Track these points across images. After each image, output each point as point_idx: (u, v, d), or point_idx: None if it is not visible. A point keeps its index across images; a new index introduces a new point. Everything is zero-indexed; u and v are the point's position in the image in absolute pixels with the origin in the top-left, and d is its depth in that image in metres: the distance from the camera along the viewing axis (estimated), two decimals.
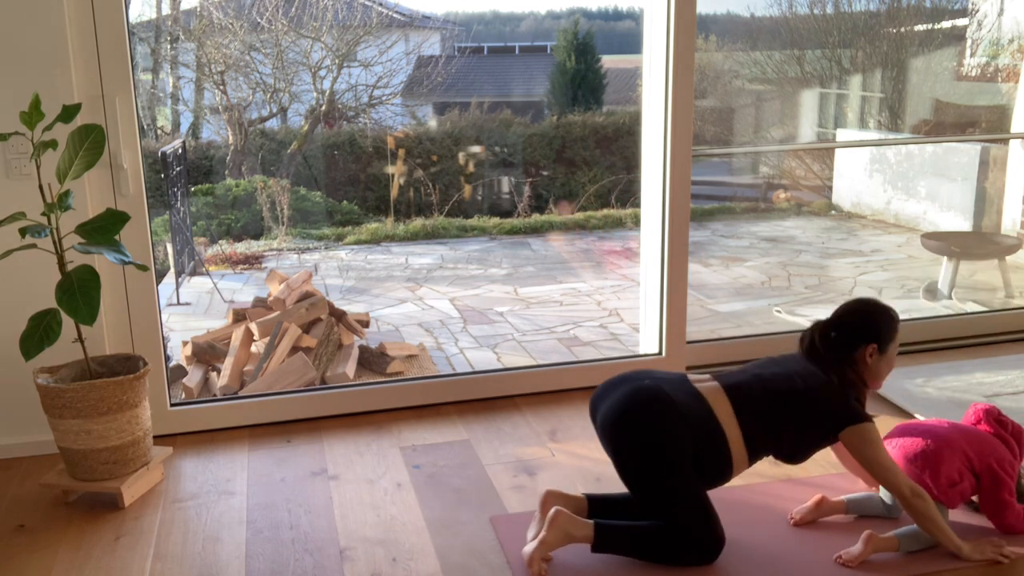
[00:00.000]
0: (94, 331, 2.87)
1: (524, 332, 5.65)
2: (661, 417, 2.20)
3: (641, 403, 2.23)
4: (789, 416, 2.26)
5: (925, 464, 2.30)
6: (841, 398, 2.26)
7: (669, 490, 2.20)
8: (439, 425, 3.17)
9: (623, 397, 2.26)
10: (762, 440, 2.27)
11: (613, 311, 6.07)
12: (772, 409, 2.26)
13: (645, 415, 2.22)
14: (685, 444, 2.19)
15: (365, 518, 2.56)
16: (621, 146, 10.02)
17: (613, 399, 2.28)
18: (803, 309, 5.68)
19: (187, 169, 8.12)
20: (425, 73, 10.40)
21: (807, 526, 2.45)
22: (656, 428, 2.20)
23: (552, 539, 2.22)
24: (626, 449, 2.23)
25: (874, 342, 2.31)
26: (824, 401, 2.26)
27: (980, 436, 2.37)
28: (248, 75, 9.43)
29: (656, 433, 2.20)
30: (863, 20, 9.13)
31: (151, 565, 2.35)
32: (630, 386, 2.29)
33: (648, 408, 2.22)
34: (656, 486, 2.21)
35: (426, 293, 6.65)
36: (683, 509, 2.21)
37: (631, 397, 2.25)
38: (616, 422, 2.24)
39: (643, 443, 2.20)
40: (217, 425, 3.16)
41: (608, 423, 2.27)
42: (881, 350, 2.32)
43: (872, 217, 8.17)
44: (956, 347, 3.84)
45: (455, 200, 9.36)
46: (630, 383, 2.30)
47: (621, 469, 2.27)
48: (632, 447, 2.22)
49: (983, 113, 8.11)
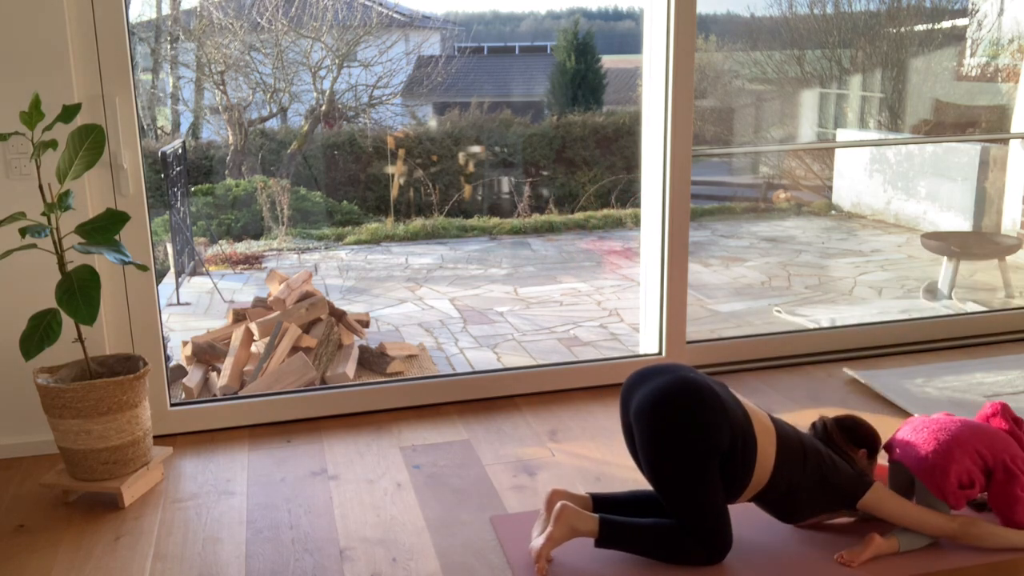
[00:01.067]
0: (94, 331, 2.87)
1: (524, 332, 5.65)
2: (706, 408, 2.17)
3: (689, 392, 2.19)
4: (812, 472, 2.27)
5: (935, 464, 2.29)
6: (857, 470, 2.33)
7: (695, 485, 2.18)
8: (439, 425, 3.18)
9: (667, 383, 2.22)
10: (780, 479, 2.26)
11: (613, 311, 6.07)
12: (802, 459, 2.27)
13: (693, 400, 2.18)
14: (721, 440, 2.17)
15: (365, 518, 2.56)
16: (621, 146, 10.03)
17: (655, 384, 2.23)
18: (803, 309, 5.68)
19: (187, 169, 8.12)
20: (425, 73, 10.41)
21: (807, 526, 2.45)
22: (698, 418, 2.16)
23: (558, 534, 2.22)
24: (664, 434, 2.18)
25: (865, 448, 2.38)
26: (843, 472, 2.30)
27: (992, 432, 2.36)
28: (248, 75, 9.43)
29: (696, 423, 2.16)
30: (863, 20, 9.13)
31: (151, 565, 2.35)
32: (674, 375, 2.25)
33: (696, 395, 2.18)
34: (681, 479, 2.19)
35: (426, 293, 6.66)
36: (705, 507, 2.19)
37: (677, 386, 2.21)
38: (657, 409, 2.19)
39: (681, 432, 2.16)
40: (217, 425, 3.16)
41: (646, 408, 2.21)
42: (870, 457, 2.39)
43: (872, 217, 8.17)
44: (956, 347, 3.84)
45: (455, 200, 9.36)
46: (673, 372, 2.27)
47: (648, 458, 2.22)
48: (671, 432, 2.17)
49: (983, 113, 8.11)
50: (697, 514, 2.20)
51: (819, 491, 2.28)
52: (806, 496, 2.29)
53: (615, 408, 3.28)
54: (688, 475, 2.18)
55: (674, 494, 2.21)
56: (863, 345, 3.80)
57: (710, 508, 2.20)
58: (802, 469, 2.26)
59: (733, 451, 2.19)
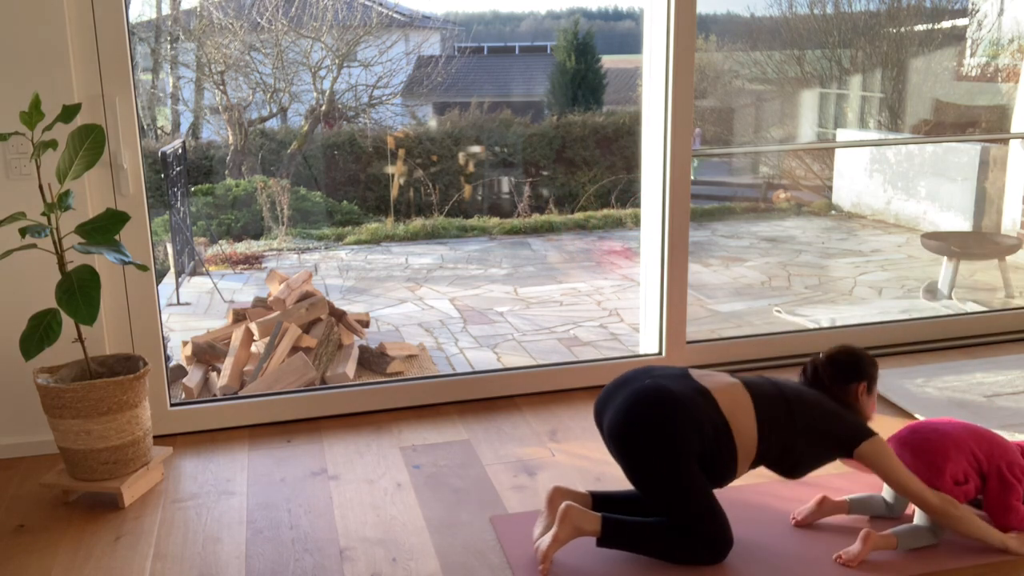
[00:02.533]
0: (94, 331, 2.87)
1: (524, 332, 5.65)
2: (665, 418, 2.19)
3: (646, 405, 2.22)
4: (804, 426, 2.27)
5: (931, 461, 2.30)
6: (853, 416, 2.34)
7: (681, 491, 2.20)
8: (439, 425, 3.17)
9: (625, 402, 2.25)
10: (771, 445, 2.26)
11: (613, 311, 6.07)
12: (788, 416, 2.27)
13: (650, 417, 2.20)
14: (692, 442, 2.18)
15: (365, 518, 2.56)
16: (621, 146, 10.02)
17: (616, 405, 2.27)
18: (803, 309, 5.68)
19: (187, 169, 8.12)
20: (425, 73, 10.41)
21: (807, 526, 2.45)
22: (662, 430, 2.19)
23: (563, 535, 2.22)
24: (635, 455, 2.22)
25: (864, 381, 2.40)
26: (838, 418, 2.30)
27: (991, 437, 2.36)
28: (248, 75, 9.43)
29: (662, 435, 2.18)
30: (863, 20, 9.13)
31: (151, 565, 2.35)
32: (631, 388, 2.27)
33: (652, 410, 2.21)
34: (667, 488, 2.20)
35: (426, 293, 6.65)
36: (696, 509, 2.20)
37: (634, 401, 2.24)
38: (621, 429, 2.23)
39: (650, 447, 2.19)
40: (217, 425, 3.16)
41: (614, 431, 2.25)
42: (868, 390, 2.41)
43: (872, 217, 8.17)
44: (956, 347, 3.84)
45: (455, 200, 9.36)
46: (630, 385, 2.29)
47: (631, 473, 2.26)
48: (640, 452, 2.21)
49: (983, 113, 8.11)
50: (691, 517, 2.21)
51: (816, 442, 2.29)
52: (803, 451, 2.29)
53: None
54: (671, 485, 2.19)
55: (664, 502, 2.22)
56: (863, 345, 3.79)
57: (702, 509, 2.21)
58: (791, 428, 2.26)
59: (707, 449, 2.21)
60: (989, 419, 3.05)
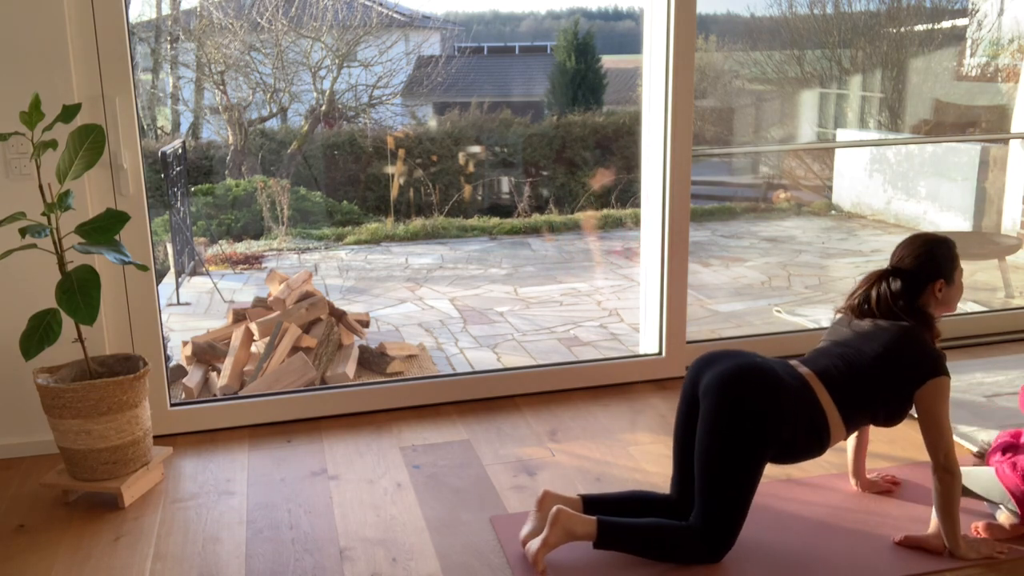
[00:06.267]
0: (94, 331, 2.87)
1: (524, 332, 5.65)
2: (774, 399, 2.19)
3: (758, 375, 2.21)
4: (881, 385, 2.27)
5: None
6: (925, 346, 2.28)
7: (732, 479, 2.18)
8: (439, 425, 3.17)
9: (742, 364, 2.23)
10: (861, 416, 2.30)
11: (613, 311, 6.07)
12: (864, 388, 2.27)
13: (766, 389, 2.19)
14: (778, 435, 2.19)
15: (365, 518, 2.56)
16: (621, 146, 10.02)
17: (730, 363, 2.25)
18: (803, 309, 5.67)
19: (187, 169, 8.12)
20: (425, 73, 10.40)
21: (807, 526, 2.44)
22: (764, 402, 2.18)
23: (554, 539, 2.22)
24: (728, 410, 2.18)
25: (941, 278, 2.31)
26: (909, 353, 2.26)
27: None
28: (248, 75, 9.43)
29: (762, 409, 2.18)
30: (863, 20, 9.13)
31: (151, 565, 2.35)
32: (748, 359, 2.27)
33: (763, 381, 2.20)
34: (726, 462, 2.18)
35: (426, 293, 6.65)
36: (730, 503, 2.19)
37: (751, 366, 2.23)
38: (731, 381, 2.20)
39: (747, 409, 2.17)
40: (217, 425, 3.16)
41: (722, 380, 2.21)
42: (948, 282, 2.33)
43: (872, 217, 8.17)
44: (956, 347, 3.84)
45: (455, 200, 9.36)
46: (745, 357, 2.28)
47: (708, 429, 2.20)
48: (736, 410, 2.18)
49: (983, 113, 8.11)
50: (724, 504, 2.20)
51: (893, 399, 2.28)
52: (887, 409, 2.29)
53: (615, 408, 3.29)
54: (735, 459, 2.18)
55: (713, 478, 2.20)
56: None
57: (735, 507, 2.20)
58: (870, 395, 2.26)
59: (796, 437, 2.21)
60: (989, 419, 3.05)
